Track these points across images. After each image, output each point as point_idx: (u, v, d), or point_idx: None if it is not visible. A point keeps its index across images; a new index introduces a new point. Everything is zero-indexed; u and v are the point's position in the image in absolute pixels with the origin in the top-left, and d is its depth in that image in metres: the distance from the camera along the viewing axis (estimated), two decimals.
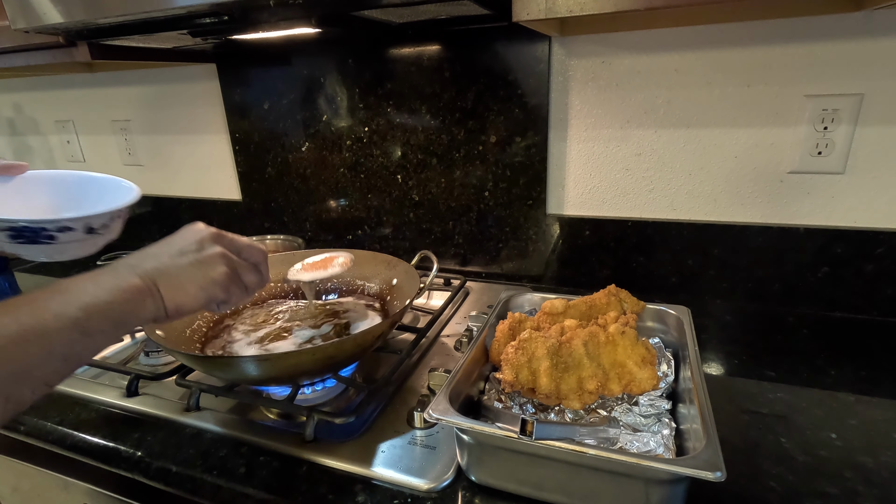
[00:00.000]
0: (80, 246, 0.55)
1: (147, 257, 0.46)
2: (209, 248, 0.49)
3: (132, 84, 1.28)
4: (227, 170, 1.26)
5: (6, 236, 0.51)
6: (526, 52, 0.89)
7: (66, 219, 0.52)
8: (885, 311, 0.81)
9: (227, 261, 0.49)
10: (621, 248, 0.94)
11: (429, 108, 0.99)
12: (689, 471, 0.40)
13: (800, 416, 0.60)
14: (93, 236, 0.55)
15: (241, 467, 0.56)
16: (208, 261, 0.48)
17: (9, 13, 0.73)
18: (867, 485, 0.50)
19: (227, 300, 0.50)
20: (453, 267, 1.08)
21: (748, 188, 0.85)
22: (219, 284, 0.48)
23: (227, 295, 0.49)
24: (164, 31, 0.77)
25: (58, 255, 0.54)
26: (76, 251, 0.55)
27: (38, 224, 0.51)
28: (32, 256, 0.54)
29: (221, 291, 0.48)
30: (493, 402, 0.58)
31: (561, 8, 0.55)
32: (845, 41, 0.74)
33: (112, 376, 0.75)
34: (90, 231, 0.54)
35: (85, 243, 0.55)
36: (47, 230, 0.51)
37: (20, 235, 0.51)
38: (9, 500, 0.79)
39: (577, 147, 0.93)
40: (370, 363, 0.76)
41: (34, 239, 0.52)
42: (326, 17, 0.74)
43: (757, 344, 0.77)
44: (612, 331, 0.57)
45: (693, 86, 0.83)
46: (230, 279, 0.49)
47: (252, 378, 0.61)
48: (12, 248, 0.52)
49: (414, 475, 0.53)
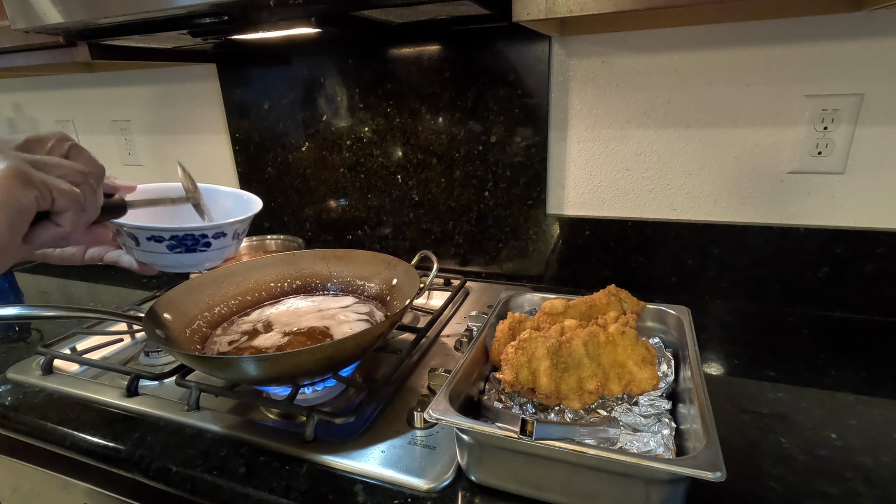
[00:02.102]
0: (223, 253, 0.55)
1: None
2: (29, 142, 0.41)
3: (132, 84, 1.28)
4: (227, 170, 1.26)
5: (165, 247, 0.51)
6: (526, 52, 0.89)
7: (224, 223, 0.53)
8: (885, 311, 0.81)
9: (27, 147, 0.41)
10: (621, 248, 0.94)
11: (429, 108, 0.99)
12: (689, 471, 0.40)
13: (800, 416, 0.60)
14: (235, 242, 0.56)
15: (241, 467, 0.56)
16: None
17: (9, 13, 0.73)
18: (867, 485, 0.50)
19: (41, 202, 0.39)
20: (453, 267, 1.08)
21: (748, 188, 0.85)
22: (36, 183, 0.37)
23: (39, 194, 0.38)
24: (164, 31, 0.77)
25: (201, 264, 0.55)
26: (215, 259, 0.55)
27: (200, 231, 0.51)
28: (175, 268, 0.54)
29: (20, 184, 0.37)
30: (493, 402, 0.58)
31: (561, 8, 0.55)
32: (845, 41, 0.74)
33: (112, 376, 0.75)
34: (235, 237, 0.55)
35: (226, 250, 0.55)
36: (207, 237, 0.52)
37: (180, 244, 0.51)
38: (9, 500, 0.79)
39: (577, 147, 0.93)
40: (370, 363, 0.76)
41: (193, 247, 0.52)
42: (326, 17, 0.74)
43: (757, 344, 0.77)
44: (612, 331, 0.57)
45: (693, 86, 0.83)
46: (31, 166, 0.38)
47: (252, 378, 0.61)
48: (161, 260, 0.52)
49: (414, 475, 0.53)
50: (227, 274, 0.84)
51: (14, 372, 0.77)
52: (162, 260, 0.52)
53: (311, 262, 0.90)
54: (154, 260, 0.53)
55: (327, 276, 0.89)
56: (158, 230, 0.50)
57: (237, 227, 0.55)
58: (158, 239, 0.50)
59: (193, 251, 0.52)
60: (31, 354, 0.81)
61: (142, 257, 0.53)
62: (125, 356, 0.80)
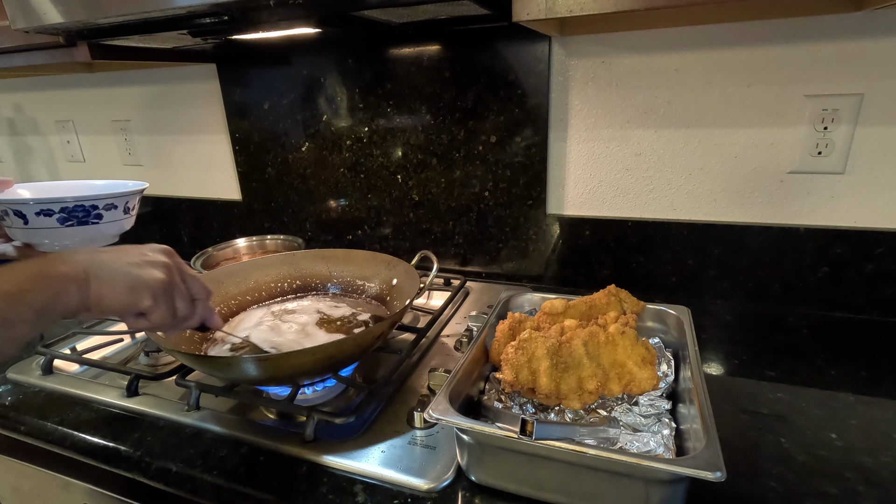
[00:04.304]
0: (115, 227, 0.57)
1: (88, 250, 0.44)
2: (155, 256, 0.47)
3: (132, 84, 1.28)
4: (227, 170, 1.26)
5: (56, 220, 0.51)
6: (526, 52, 0.89)
7: (114, 194, 0.54)
8: (885, 311, 0.81)
9: (168, 272, 0.47)
10: (621, 248, 0.94)
11: (429, 108, 0.99)
12: (689, 471, 0.40)
13: (800, 416, 0.60)
14: (126, 217, 0.57)
15: (241, 467, 0.56)
16: (148, 265, 0.46)
17: (9, 13, 0.73)
18: (867, 485, 0.50)
19: (150, 312, 0.46)
20: (453, 267, 1.08)
21: (748, 188, 0.85)
22: (149, 289, 0.45)
23: (154, 305, 0.46)
24: (164, 31, 0.77)
25: (94, 240, 0.56)
26: (109, 235, 0.57)
27: (91, 201, 0.52)
28: (65, 245, 0.55)
29: (149, 298, 0.45)
30: (493, 402, 0.58)
31: (561, 8, 0.55)
32: (845, 41, 0.74)
33: (112, 376, 0.75)
34: (126, 211, 0.57)
35: (118, 224, 0.57)
36: (98, 208, 0.53)
37: (71, 217, 0.52)
38: (9, 500, 0.79)
39: (577, 147, 0.93)
40: (370, 363, 0.76)
41: (84, 220, 0.53)
42: (326, 17, 0.74)
43: (757, 344, 0.77)
44: (612, 331, 0.57)
45: (693, 86, 0.83)
46: (163, 290, 0.46)
47: (252, 378, 0.61)
48: (53, 237, 0.53)
49: (414, 475, 0.53)
50: (227, 274, 0.84)
51: (14, 372, 0.77)
52: (53, 237, 0.53)
53: (311, 262, 0.90)
54: (45, 237, 0.53)
55: (327, 276, 0.89)
56: (48, 202, 0.51)
57: (127, 200, 0.56)
58: (48, 212, 0.51)
59: (85, 223, 0.53)
60: (31, 354, 0.81)
61: (31, 237, 0.53)
62: (125, 356, 0.80)
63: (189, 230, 1.36)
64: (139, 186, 0.59)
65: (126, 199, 0.56)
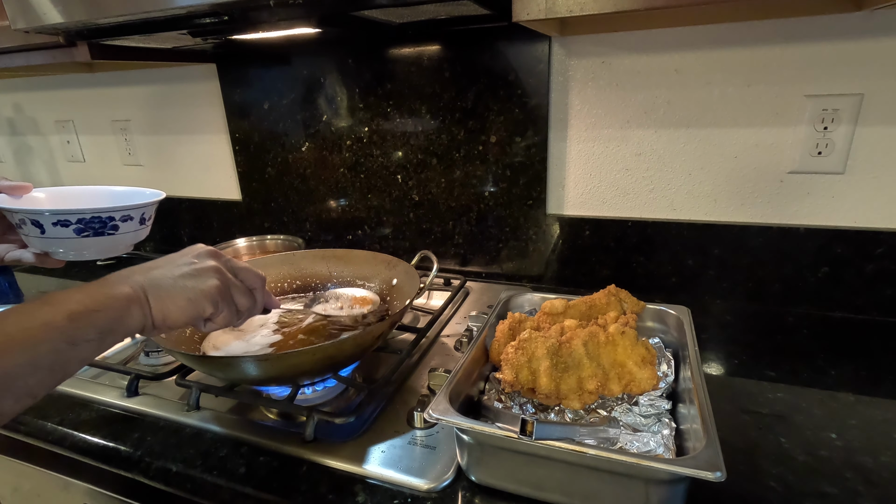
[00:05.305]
0: (131, 238, 0.57)
1: (140, 269, 0.46)
2: (204, 261, 0.49)
3: (132, 84, 1.28)
4: (227, 170, 1.26)
5: (73, 231, 0.51)
6: (526, 52, 0.89)
7: (131, 206, 0.54)
8: (885, 311, 0.81)
9: (221, 276, 0.48)
10: (621, 248, 0.94)
11: (429, 108, 0.99)
12: (689, 471, 0.40)
13: (800, 416, 0.60)
14: (143, 227, 0.57)
15: (241, 467, 0.56)
16: (200, 273, 0.47)
17: (9, 13, 0.73)
18: (867, 485, 0.50)
19: (214, 316, 0.49)
20: (453, 267, 1.08)
21: (748, 188, 0.85)
22: (208, 297, 0.47)
23: (216, 311, 0.48)
24: (164, 32, 0.77)
25: (110, 250, 0.56)
26: (125, 245, 0.56)
27: (107, 213, 0.52)
28: (82, 254, 0.55)
29: (210, 305, 0.47)
30: (493, 402, 0.58)
31: (561, 8, 0.55)
32: (845, 41, 0.74)
33: (112, 376, 0.75)
34: (142, 222, 0.57)
35: (134, 235, 0.57)
36: (114, 219, 0.53)
37: (87, 228, 0.52)
38: (9, 500, 0.79)
39: (577, 147, 0.93)
40: (370, 363, 0.76)
41: (101, 231, 0.53)
42: (326, 17, 0.74)
43: (757, 344, 0.77)
44: (612, 331, 0.57)
45: (693, 86, 0.83)
46: (221, 294, 0.48)
47: (252, 378, 0.61)
48: (69, 246, 0.53)
49: (414, 475, 0.53)
50: None
51: None
52: (69, 246, 0.53)
53: (311, 262, 0.90)
54: (61, 247, 0.53)
55: (327, 276, 0.89)
56: (65, 213, 0.51)
57: (144, 211, 0.56)
58: (65, 223, 0.51)
59: (101, 234, 0.53)
60: None
61: (48, 245, 0.53)
62: (125, 356, 0.80)
63: (189, 230, 1.36)
64: (156, 197, 0.59)
65: (143, 210, 0.56)
